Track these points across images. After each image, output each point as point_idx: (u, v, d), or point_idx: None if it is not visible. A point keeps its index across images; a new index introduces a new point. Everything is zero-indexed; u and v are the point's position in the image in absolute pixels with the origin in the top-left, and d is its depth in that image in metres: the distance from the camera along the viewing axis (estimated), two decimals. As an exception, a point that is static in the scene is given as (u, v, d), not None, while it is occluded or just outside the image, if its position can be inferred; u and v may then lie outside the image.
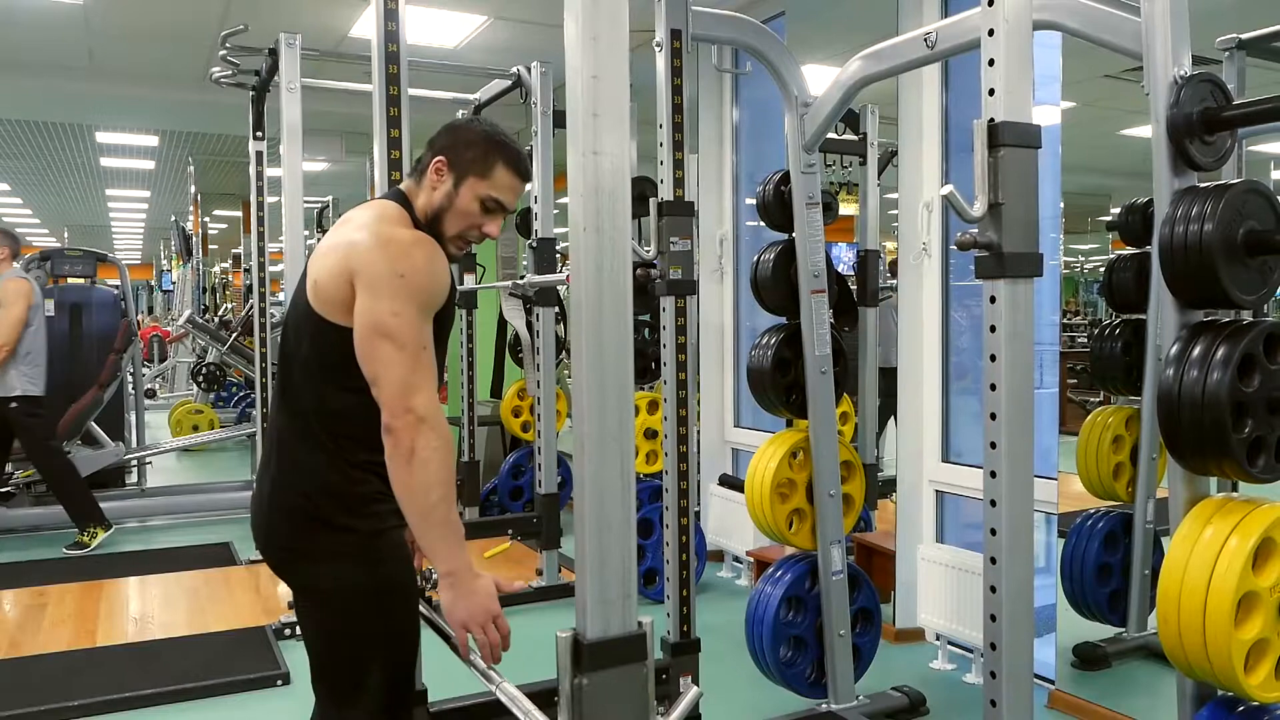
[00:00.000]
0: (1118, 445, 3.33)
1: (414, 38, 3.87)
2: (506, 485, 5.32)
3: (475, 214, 1.71)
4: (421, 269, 1.60)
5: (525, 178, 1.75)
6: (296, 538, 1.71)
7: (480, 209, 1.72)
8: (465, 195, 1.70)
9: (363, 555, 1.69)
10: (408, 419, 1.54)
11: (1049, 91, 3.31)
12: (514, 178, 1.73)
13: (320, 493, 1.69)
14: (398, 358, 1.55)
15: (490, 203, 1.72)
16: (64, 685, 3.34)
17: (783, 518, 2.89)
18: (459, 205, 1.71)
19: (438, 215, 1.72)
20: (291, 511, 1.71)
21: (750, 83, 4.82)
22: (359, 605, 1.69)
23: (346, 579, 1.68)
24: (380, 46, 2.47)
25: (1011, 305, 1.89)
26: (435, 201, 1.72)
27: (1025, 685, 1.96)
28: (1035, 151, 1.90)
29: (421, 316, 1.59)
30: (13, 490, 5.85)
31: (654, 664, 1.41)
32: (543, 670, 2.31)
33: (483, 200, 1.71)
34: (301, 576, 1.76)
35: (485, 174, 1.70)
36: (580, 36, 1.32)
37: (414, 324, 1.58)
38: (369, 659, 1.72)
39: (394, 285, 1.57)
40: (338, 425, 1.67)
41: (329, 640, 1.76)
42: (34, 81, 6.42)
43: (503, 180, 1.71)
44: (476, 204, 1.71)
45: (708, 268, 4.95)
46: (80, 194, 13.92)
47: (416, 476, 1.54)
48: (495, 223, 1.75)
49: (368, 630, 1.71)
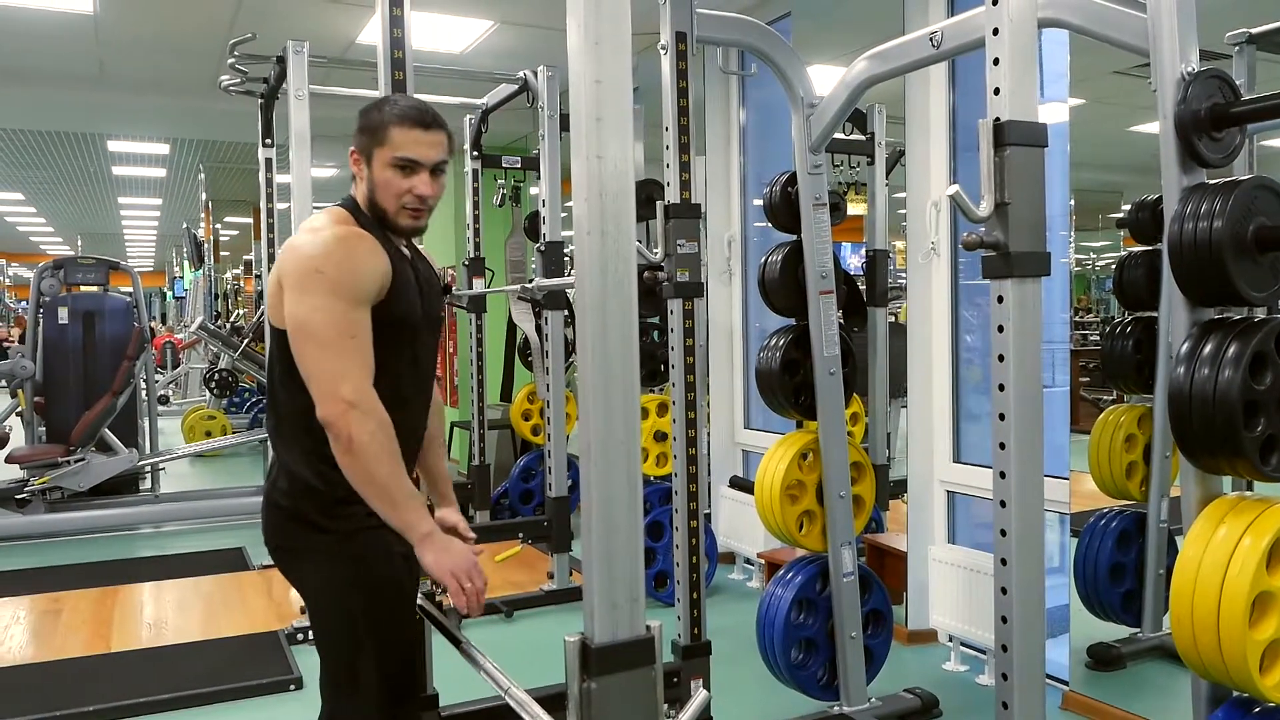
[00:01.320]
0: (1130, 444, 3.31)
1: (420, 43, 3.89)
2: (517, 488, 5.33)
3: (395, 180, 1.73)
4: (339, 262, 1.64)
5: (422, 124, 1.73)
6: (283, 536, 1.79)
7: (397, 174, 1.72)
8: (378, 170, 1.73)
9: (341, 553, 1.74)
10: (338, 408, 1.58)
11: (1058, 88, 3.30)
12: (407, 129, 1.72)
13: (299, 493, 1.74)
14: (320, 353, 1.61)
15: (399, 162, 1.72)
16: (79, 690, 3.36)
17: (793, 519, 2.88)
18: (379, 181, 1.73)
19: (372, 202, 1.75)
20: (278, 511, 1.78)
21: (756, 84, 4.82)
22: (343, 602, 1.74)
23: (329, 577, 1.74)
24: (386, 53, 2.48)
25: (1019, 305, 1.88)
26: (365, 191, 1.76)
27: (1037, 687, 1.95)
28: (1041, 150, 1.89)
29: (348, 308, 1.63)
30: (28, 497, 5.89)
31: (663, 667, 1.41)
32: (553, 673, 2.31)
33: (393, 165, 1.72)
34: (292, 574, 1.82)
35: (383, 141, 1.72)
36: (583, 41, 1.32)
37: (335, 316, 1.61)
38: (360, 655, 1.75)
39: (313, 282, 1.63)
40: (308, 425, 1.68)
41: (321, 636, 1.80)
42: (46, 92, 6.46)
43: (399, 137, 1.72)
44: (390, 171, 1.72)
45: (715, 270, 4.94)
46: (93, 202, 14.01)
47: (359, 463, 1.59)
48: (420, 179, 1.74)
49: (354, 627, 1.74)
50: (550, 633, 3.99)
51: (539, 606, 4.27)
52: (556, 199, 4.24)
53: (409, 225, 1.77)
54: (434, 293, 1.89)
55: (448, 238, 8.65)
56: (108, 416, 6.19)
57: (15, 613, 4.37)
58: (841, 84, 2.68)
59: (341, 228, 1.71)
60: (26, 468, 6.01)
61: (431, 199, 1.77)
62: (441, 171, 1.78)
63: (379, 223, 1.76)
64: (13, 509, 5.83)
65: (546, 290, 4.08)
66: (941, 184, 3.69)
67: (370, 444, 1.59)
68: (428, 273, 1.89)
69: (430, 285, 1.87)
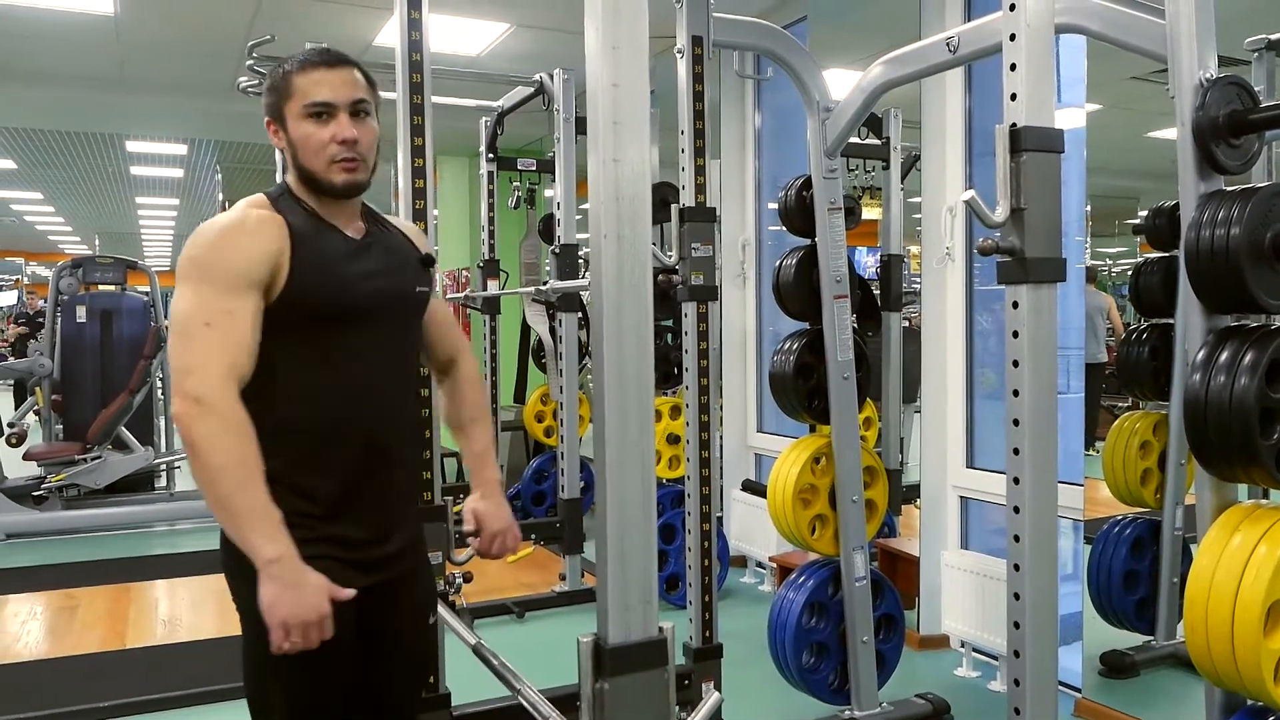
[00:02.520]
0: (1145, 451, 3.29)
1: (437, 46, 3.87)
2: (529, 490, 5.34)
3: (312, 132, 1.55)
4: (208, 242, 1.49)
5: (326, 63, 1.57)
6: (222, 550, 1.57)
7: (313, 124, 1.55)
8: (293, 126, 1.57)
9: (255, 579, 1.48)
10: (183, 405, 1.39)
11: (1075, 94, 3.29)
12: (311, 72, 1.56)
13: None
14: (177, 344, 1.44)
15: (312, 109, 1.55)
16: (95, 686, 3.39)
17: (805, 523, 2.88)
18: (296, 138, 1.57)
19: (297, 165, 1.58)
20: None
21: (772, 88, 4.82)
22: (257, 638, 1.47)
23: (250, 606, 1.46)
24: (404, 55, 2.49)
25: (1034, 311, 1.88)
26: (289, 158, 1.60)
27: (1049, 693, 1.95)
28: (1058, 156, 1.89)
29: (214, 294, 1.45)
30: (46, 494, 5.94)
31: (675, 669, 1.41)
32: (564, 674, 2.32)
33: (306, 115, 1.56)
34: (230, 589, 1.62)
35: (288, 94, 1.57)
36: (600, 45, 1.32)
37: (197, 304, 1.44)
38: (268, 698, 1.60)
39: (185, 270, 1.48)
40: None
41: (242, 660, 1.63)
42: (67, 92, 6.53)
43: (303, 84, 1.56)
44: (306, 124, 1.56)
45: (730, 273, 4.95)
46: (111, 202, 14.12)
47: (200, 466, 1.38)
48: (339, 124, 1.56)
49: (263, 670, 1.56)
50: (561, 634, 4.00)
51: (551, 608, 4.28)
52: (571, 202, 4.26)
53: (345, 181, 1.57)
54: (398, 269, 1.66)
55: (463, 239, 8.67)
56: (124, 415, 6.24)
57: (32, 608, 4.41)
58: (857, 88, 2.68)
59: (240, 210, 1.54)
60: (44, 465, 6.07)
61: (361, 145, 1.57)
62: (365, 113, 1.59)
63: (314, 193, 1.59)
64: (30, 505, 5.88)
65: (561, 292, 4.09)
66: (957, 189, 3.69)
67: (207, 446, 1.37)
68: (394, 245, 1.69)
69: (395, 261, 1.66)
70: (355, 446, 1.59)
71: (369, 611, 1.61)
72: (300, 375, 1.55)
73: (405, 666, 1.75)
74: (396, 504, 1.67)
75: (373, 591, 1.60)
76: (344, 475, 1.58)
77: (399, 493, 1.68)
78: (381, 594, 1.63)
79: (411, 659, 1.77)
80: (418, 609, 1.76)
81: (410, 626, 1.74)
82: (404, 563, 1.68)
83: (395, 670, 1.72)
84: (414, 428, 1.75)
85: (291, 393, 1.55)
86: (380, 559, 1.63)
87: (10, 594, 4.61)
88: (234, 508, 1.39)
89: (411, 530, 1.72)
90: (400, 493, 1.69)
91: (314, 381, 1.56)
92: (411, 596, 1.72)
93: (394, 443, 1.65)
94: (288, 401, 1.54)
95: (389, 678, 1.72)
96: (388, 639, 1.69)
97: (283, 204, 1.58)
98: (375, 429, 1.61)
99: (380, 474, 1.61)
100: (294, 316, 1.52)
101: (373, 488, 1.61)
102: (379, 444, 1.61)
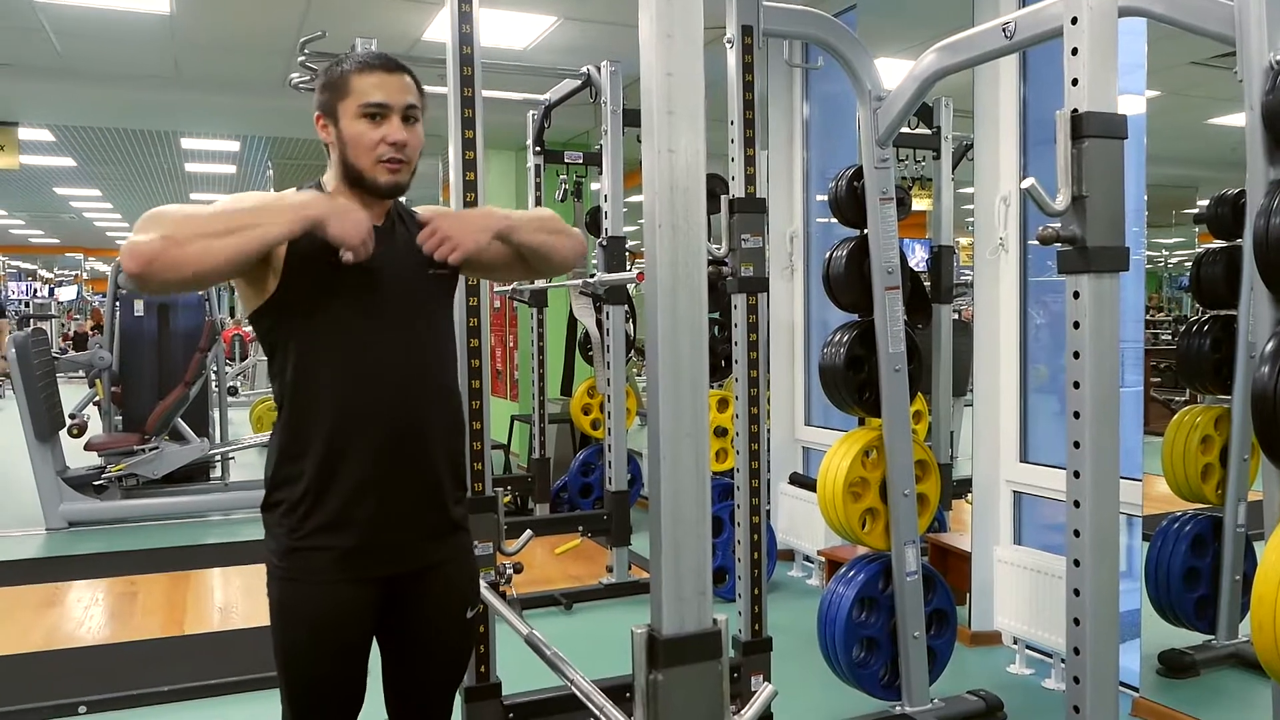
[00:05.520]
0: (1206, 446, 3.21)
1: (485, 39, 3.89)
2: (576, 482, 5.36)
3: (366, 132, 1.58)
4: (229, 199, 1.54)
5: (385, 67, 1.61)
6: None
7: (367, 124, 1.59)
8: (346, 125, 1.60)
9: (273, 572, 1.62)
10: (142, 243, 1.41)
11: (1133, 80, 3.21)
12: (369, 74, 1.60)
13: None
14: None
15: (367, 110, 1.58)
16: (155, 670, 3.47)
17: (855, 517, 2.86)
18: (348, 137, 1.60)
19: (343, 161, 1.61)
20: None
21: (821, 78, 4.77)
22: (272, 622, 1.62)
23: (269, 591, 1.62)
24: (455, 48, 2.50)
25: (1096, 300, 1.84)
26: (337, 153, 1.63)
27: (1110, 691, 1.91)
28: (1120, 142, 1.85)
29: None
30: (106, 484, 6.08)
31: (728, 662, 1.40)
32: (611, 665, 2.32)
33: (360, 114, 1.59)
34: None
35: (345, 93, 1.60)
36: (655, 33, 1.32)
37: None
38: (282, 684, 1.66)
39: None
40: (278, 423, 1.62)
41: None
42: (124, 91, 6.67)
43: (360, 84, 1.59)
44: (359, 123, 1.59)
45: (778, 265, 4.92)
46: (166, 198, 14.40)
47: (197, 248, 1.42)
48: (392, 126, 1.59)
49: (277, 654, 1.63)
50: (608, 626, 4.01)
51: (597, 600, 4.29)
52: (618, 194, 4.26)
53: (388, 181, 1.61)
54: (408, 256, 1.66)
55: (509, 233, 8.68)
56: (181, 406, 6.37)
57: (94, 594, 4.53)
58: (910, 77, 2.64)
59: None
60: (104, 455, 6.22)
61: (409, 149, 1.61)
62: (415, 119, 1.63)
63: (352, 189, 1.62)
64: (91, 495, 6.03)
65: (608, 285, 4.10)
66: (1011, 179, 3.62)
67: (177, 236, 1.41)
68: (411, 236, 1.68)
69: (407, 250, 1.66)
70: (370, 435, 1.59)
71: (392, 603, 1.64)
72: (310, 363, 1.58)
73: (435, 659, 1.73)
74: (421, 494, 1.65)
75: (396, 582, 1.63)
76: (361, 462, 1.58)
77: (425, 482, 1.65)
78: (407, 585, 1.64)
79: (442, 652, 1.74)
80: (452, 602, 1.72)
81: (440, 618, 1.71)
82: (432, 554, 1.67)
83: (422, 662, 1.72)
84: (442, 417, 1.68)
85: (303, 380, 1.58)
86: (405, 548, 1.63)
87: (74, 580, 4.74)
88: (242, 221, 1.44)
89: (443, 521, 1.69)
90: (426, 483, 1.65)
91: (324, 369, 1.58)
92: (443, 588, 1.70)
93: (414, 432, 1.63)
94: (300, 389, 1.58)
95: (416, 669, 1.72)
96: (413, 630, 1.69)
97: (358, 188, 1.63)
98: (391, 417, 1.60)
99: (400, 463, 1.61)
100: (298, 300, 1.56)
101: (392, 476, 1.61)
102: (396, 433, 1.61)
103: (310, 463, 1.57)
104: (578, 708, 1.95)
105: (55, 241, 22.14)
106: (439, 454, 1.67)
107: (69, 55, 5.88)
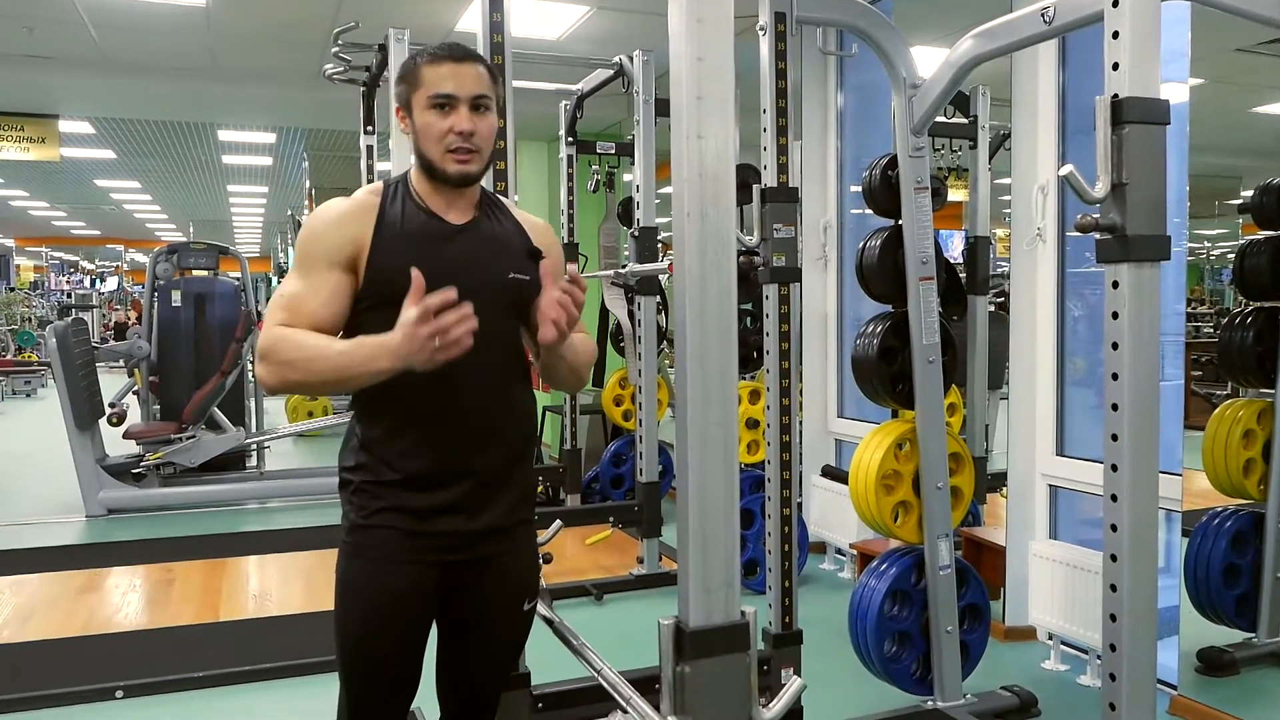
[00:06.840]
0: (1248, 440, 3.15)
1: (516, 30, 3.90)
2: (608, 473, 5.36)
3: (435, 123, 1.62)
4: (304, 229, 1.66)
5: (453, 58, 1.64)
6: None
7: (436, 115, 1.62)
8: (418, 115, 1.64)
9: (344, 546, 1.67)
10: (259, 368, 1.58)
11: (1176, 68, 3.14)
12: (438, 65, 1.63)
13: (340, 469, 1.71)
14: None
15: (436, 100, 1.62)
16: (190, 657, 3.52)
17: (888, 510, 2.83)
18: (420, 128, 1.64)
19: (419, 153, 1.67)
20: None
21: (855, 65, 4.72)
22: (335, 600, 1.68)
23: (337, 562, 1.68)
24: (486, 38, 2.50)
25: (1136, 290, 1.80)
26: (414, 143, 1.68)
27: (1147, 689, 1.87)
28: (1163, 129, 1.80)
29: (295, 274, 1.62)
30: (144, 472, 6.18)
31: (756, 654, 1.39)
32: (640, 656, 2.31)
33: (430, 105, 1.63)
34: None
35: (416, 85, 1.64)
36: (685, 18, 1.30)
37: (285, 284, 1.63)
38: (339, 653, 1.70)
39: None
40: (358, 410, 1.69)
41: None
42: (161, 84, 6.75)
43: (430, 75, 1.63)
44: (430, 114, 1.63)
45: (811, 255, 4.88)
46: (204, 190, 14.60)
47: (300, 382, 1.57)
48: (459, 116, 1.62)
49: (336, 624, 1.69)
50: (639, 617, 4.01)
51: (628, 591, 4.30)
52: (650, 184, 4.24)
53: (457, 171, 1.63)
54: (491, 256, 1.68)
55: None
56: (217, 396, 6.45)
57: (132, 581, 4.60)
58: (946, 64, 2.60)
59: (345, 198, 1.69)
60: (142, 444, 6.32)
61: (477, 137, 1.63)
62: (485, 108, 1.64)
63: (429, 179, 1.66)
64: (129, 483, 6.13)
65: (639, 276, 4.08)
66: (1049, 168, 3.56)
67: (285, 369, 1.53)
68: (498, 234, 1.71)
69: (490, 249, 1.69)
70: (440, 425, 1.62)
71: (450, 589, 1.67)
72: None
73: (489, 650, 1.77)
74: (489, 486, 1.66)
75: (454, 569, 1.66)
76: (428, 452, 1.62)
77: (493, 474, 1.67)
78: (464, 573, 1.67)
79: (496, 643, 1.77)
80: (508, 593, 1.74)
81: (497, 609, 1.73)
82: (494, 545, 1.69)
83: (478, 652, 1.75)
84: (513, 410, 1.71)
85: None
86: (464, 537, 1.65)
87: (112, 566, 4.82)
88: (336, 366, 1.51)
89: (506, 514, 1.70)
90: (494, 475, 1.67)
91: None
92: (501, 580, 1.72)
93: (483, 425, 1.66)
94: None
95: (471, 658, 1.76)
96: (470, 619, 1.72)
97: (391, 189, 1.68)
98: (461, 410, 1.63)
99: (468, 455, 1.64)
100: (377, 294, 1.59)
101: (459, 467, 1.63)
102: (466, 425, 1.64)
103: (380, 446, 1.63)
104: (606, 698, 1.95)
105: (96, 233, 22.52)
106: (511, 449, 1.71)
107: (107, 47, 5.96)
